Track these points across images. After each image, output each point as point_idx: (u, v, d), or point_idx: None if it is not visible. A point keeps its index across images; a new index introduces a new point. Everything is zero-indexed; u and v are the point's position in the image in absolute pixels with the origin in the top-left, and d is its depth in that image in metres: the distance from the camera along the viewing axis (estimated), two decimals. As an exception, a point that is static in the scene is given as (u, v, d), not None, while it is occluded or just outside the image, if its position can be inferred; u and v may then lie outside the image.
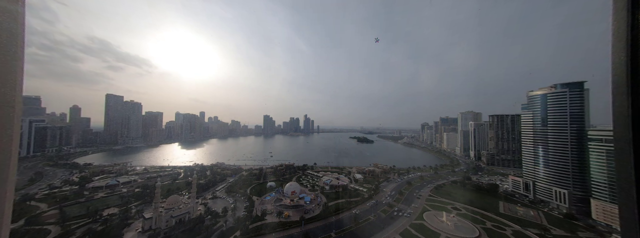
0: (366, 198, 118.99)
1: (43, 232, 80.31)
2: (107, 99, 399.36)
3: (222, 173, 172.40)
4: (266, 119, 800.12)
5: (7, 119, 3.22)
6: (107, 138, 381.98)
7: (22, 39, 3.33)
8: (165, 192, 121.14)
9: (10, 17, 3.20)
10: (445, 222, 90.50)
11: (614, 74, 3.31)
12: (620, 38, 3.22)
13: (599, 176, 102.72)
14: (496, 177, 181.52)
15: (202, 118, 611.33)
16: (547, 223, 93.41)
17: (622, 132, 3.16)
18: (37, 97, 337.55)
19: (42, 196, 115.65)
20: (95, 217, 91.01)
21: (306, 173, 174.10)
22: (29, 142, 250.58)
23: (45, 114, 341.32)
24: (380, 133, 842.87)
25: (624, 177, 3.13)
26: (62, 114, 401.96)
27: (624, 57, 3.18)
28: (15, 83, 3.24)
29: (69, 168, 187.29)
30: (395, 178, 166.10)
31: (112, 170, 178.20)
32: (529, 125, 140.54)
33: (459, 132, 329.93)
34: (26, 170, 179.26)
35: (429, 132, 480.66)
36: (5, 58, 3.16)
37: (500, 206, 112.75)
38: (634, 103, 3.08)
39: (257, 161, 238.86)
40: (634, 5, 3.10)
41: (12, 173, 3.32)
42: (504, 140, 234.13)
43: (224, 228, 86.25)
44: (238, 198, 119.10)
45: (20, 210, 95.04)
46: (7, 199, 3.26)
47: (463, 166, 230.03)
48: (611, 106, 3.31)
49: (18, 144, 3.47)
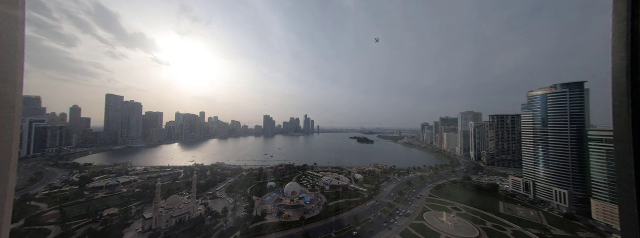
0: (366, 198, 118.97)
1: (43, 232, 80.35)
2: (107, 98, 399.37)
3: (222, 173, 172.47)
4: (266, 119, 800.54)
5: (7, 119, 3.22)
6: (107, 138, 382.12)
7: (22, 39, 3.33)
8: (165, 192, 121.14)
9: (10, 17, 3.20)
10: (445, 222, 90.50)
11: (614, 74, 3.31)
12: (620, 38, 3.22)
13: (599, 176, 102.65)
14: (496, 177, 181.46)
15: (202, 118, 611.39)
16: (547, 223, 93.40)
17: (622, 132, 3.17)
18: (37, 97, 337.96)
19: (42, 196, 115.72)
20: (95, 217, 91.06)
21: (306, 173, 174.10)
22: (29, 142, 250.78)
23: (45, 114, 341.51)
24: (380, 133, 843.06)
25: (624, 177, 3.13)
26: (62, 114, 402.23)
27: (624, 57, 3.18)
28: (15, 83, 3.24)
29: (69, 168, 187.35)
30: (395, 178, 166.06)
31: (112, 170, 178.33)
32: (529, 125, 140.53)
33: (459, 132, 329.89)
34: (26, 170, 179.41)
35: (429, 132, 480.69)
36: (5, 58, 3.16)
37: (500, 206, 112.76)
38: (634, 103, 3.08)
39: (257, 161, 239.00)
40: (634, 5, 3.10)
41: (12, 173, 3.32)
42: (504, 140, 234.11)
43: (224, 228, 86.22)
44: (238, 198, 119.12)
45: (20, 210, 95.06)
46: (7, 199, 3.26)
47: (463, 166, 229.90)
48: (611, 106, 3.31)
49: (18, 144, 3.47)
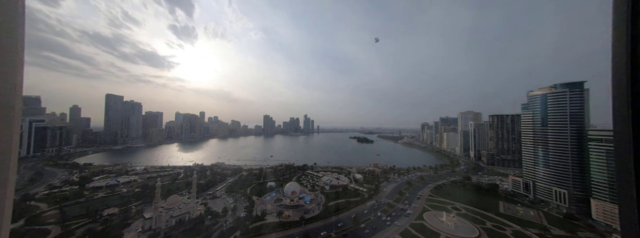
0: (366, 198, 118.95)
1: (43, 232, 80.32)
2: (107, 98, 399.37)
3: (222, 173, 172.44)
4: (266, 119, 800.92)
5: (7, 119, 3.22)
6: (107, 138, 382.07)
7: (22, 39, 3.33)
8: (165, 192, 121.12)
9: (10, 17, 3.20)
10: (445, 222, 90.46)
11: (614, 74, 3.30)
12: (620, 38, 3.21)
13: (599, 176, 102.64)
14: (496, 177, 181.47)
15: (202, 118, 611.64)
16: (547, 223, 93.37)
17: (622, 132, 3.16)
18: (37, 97, 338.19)
19: (42, 196, 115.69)
20: (95, 217, 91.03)
21: (306, 173, 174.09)
22: (29, 142, 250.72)
23: (45, 114, 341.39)
24: (380, 133, 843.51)
25: (624, 177, 3.12)
26: (62, 114, 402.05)
27: (624, 57, 3.18)
28: (15, 83, 3.24)
29: (69, 168, 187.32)
30: (395, 178, 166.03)
31: (112, 170, 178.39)
32: (529, 125, 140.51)
33: (459, 132, 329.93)
34: (26, 170, 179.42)
35: (429, 132, 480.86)
36: (5, 58, 3.16)
37: (500, 206, 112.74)
38: (634, 103, 3.07)
39: (257, 161, 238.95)
40: (634, 5, 3.10)
41: (12, 173, 3.32)
42: (504, 140, 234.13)
43: (224, 228, 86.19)
44: (238, 198, 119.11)
45: (20, 210, 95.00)
46: (7, 199, 3.25)
47: (463, 166, 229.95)
48: (611, 106, 3.31)
49: (18, 144, 3.47)
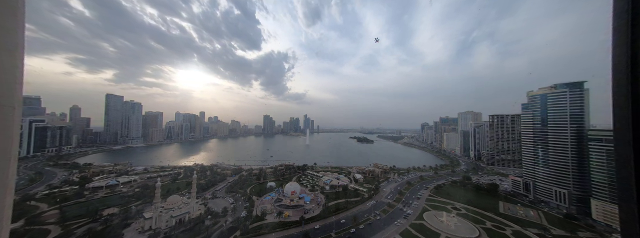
0: (366, 198, 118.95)
1: (43, 232, 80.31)
2: (107, 99, 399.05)
3: (222, 173, 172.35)
4: (266, 119, 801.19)
5: (7, 119, 3.21)
6: (107, 138, 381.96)
7: (22, 38, 3.32)
8: (165, 192, 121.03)
9: (10, 17, 3.20)
10: (445, 222, 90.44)
11: (614, 74, 3.30)
12: (620, 38, 3.21)
13: (599, 176, 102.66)
14: (496, 177, 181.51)
15: (202, 118, 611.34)
16: (547, 223, 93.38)
17: (622, 132, 3.16)
18: (37, 97, 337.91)
19: (42, 196, 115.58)
20: (95, 217, 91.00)
21: (306, 174, 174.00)
22: (29, 142, 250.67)
23: (45, 114, 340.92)
24: (380, 133, 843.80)
25: (624, 177, 3.12)
26: (62, 114, 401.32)
27: (624, 57, 3.17)
28: (15, 83, 3.24)
29: (69, 168, 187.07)
30: (395, 178, 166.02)
31: (112, 170, 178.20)
32: (529, 125, 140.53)
33: (459, 132, 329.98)
34: (26, 170, 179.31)
35: (429, 132, 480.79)
36: (5, 58, 3.16)
37: (500, 206, 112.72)
38: (634, 103, 3.07)
39: (257, 161, 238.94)
40: (634, 6, 3.10)
41: (12, 173, 3.31)
42: (503, 140, 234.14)
43: (224, 228, 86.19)
44: (238, 198, 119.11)
45: (20, 210, 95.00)
46: (7, 199, 3.25)
47: (463, 166, 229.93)
48: (611, 106, 3.30)
49: (18, 144, 3.47)
